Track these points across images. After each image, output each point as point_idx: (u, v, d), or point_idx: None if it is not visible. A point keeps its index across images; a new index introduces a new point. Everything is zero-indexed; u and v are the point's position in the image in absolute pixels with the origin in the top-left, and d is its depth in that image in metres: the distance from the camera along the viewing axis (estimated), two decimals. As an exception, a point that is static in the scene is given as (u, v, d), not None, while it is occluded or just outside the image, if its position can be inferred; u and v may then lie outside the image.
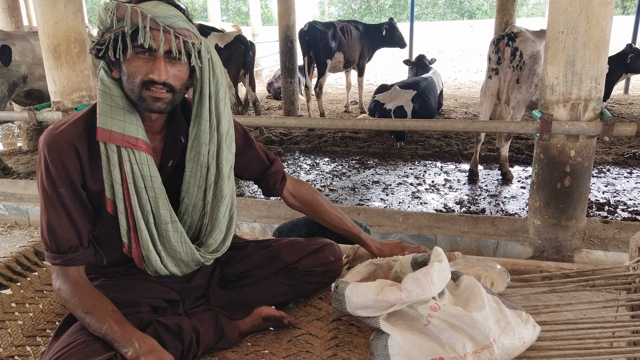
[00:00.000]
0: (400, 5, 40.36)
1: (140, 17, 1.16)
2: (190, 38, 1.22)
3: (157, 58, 1.19)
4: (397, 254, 1.69)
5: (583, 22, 2.50)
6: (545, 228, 2.88)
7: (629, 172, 4.67)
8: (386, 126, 3.73)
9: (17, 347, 1.39)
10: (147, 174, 1.28)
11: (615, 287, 1.52)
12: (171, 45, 1.19)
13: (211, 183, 1.37)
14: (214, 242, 1.43)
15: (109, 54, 1.19)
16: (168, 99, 1.24)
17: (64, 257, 1.28)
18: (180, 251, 1.36)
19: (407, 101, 5.78)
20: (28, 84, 4.62)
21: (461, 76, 12.08)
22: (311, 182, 4.62)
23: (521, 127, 2.94)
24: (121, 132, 1.24)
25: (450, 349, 1.19)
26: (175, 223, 1.35)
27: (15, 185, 4.06)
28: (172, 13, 1.20)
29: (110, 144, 1.24)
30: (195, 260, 1.40)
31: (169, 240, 1.34)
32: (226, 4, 37.88)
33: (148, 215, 1.30)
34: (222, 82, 1.35)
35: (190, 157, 1.35)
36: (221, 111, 1.35)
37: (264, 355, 1.39)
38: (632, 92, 8.92)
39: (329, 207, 1.73)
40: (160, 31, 1.17)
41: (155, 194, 1.30)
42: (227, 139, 1.39)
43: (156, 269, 1.36)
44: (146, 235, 1.31)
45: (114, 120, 1.24)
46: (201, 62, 1.28)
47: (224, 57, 5.63)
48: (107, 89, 1.25)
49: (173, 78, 1.23)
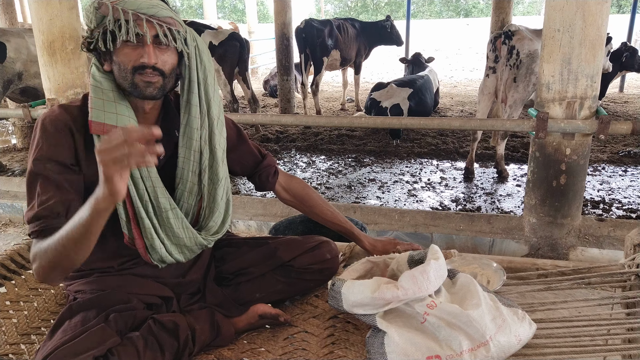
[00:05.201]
0: (397, 3, 40.34)
1: (122, 13, 1.20)
2: (175, 25, 1.26)
3: (146, 44, 1.23)
4: (390, 249, 1.71)
5: (579, 21, 2.51)
6: (541, 226, 2.89)
7: (624, 170, 4.68)
8: (382, 124, 3.73)
9: (12, 346, 1.38)
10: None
11: (610, 285, 1.53)
12: (157, 32, 1.23)
13: (205, 167, 1.40)
14: (214, 225, 1.45)
15: (99, 45, 1.24)
16: (159, 84, 1.27)
17: (43, 222, 1.22)
18: (184, 237, 1.38)
19: (404, 99, 5.78)
20: (23, 81, 4.59)
21: (457, 74, 12.10)
22: (307, 180, 4.61)
23: (517, 125, 2.95)
24: (114, 123, 1.26)
25: (446, 346, 1.19)
26: (175, 210, 1.36)
27: (9, 183, 4.04)
28: (154, 3, 1.24)
29: (104, 136, 1.23)
30: (199, 243, 1.42)
31: (170, 227, 1.35)
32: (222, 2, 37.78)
33: (147, 205, 1.32)
34: (209, 69, 1.39)
35: (183, 144, 1.38)
36: (210, 97, 1.39)
37: (260, 353, 1.39)
38: (627, 90, 8.95)
39: (321, 201, 1.75)
40: (144, 21, 1.21)
41: (152, 183, 1.32)
42: (218, 124, 1.42)
43: (161, 257, 1.36)
44: (148, 224, 1.32)
45: (107, 113, 1.26)
46: (188, 49, 1.32)
47: (218, 55, 5.61)
48: (99, 83, 1.28)
49: (162, 63, 1.27)
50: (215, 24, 9.57)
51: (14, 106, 5.23)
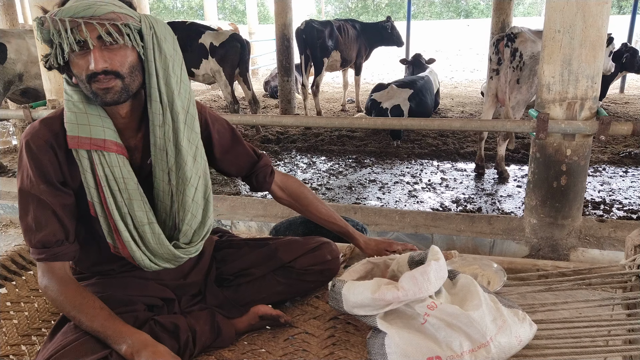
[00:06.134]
0: (397, 4, 40.36)
1: (60, 23, 1.14)
2: (120, 19, 1.17)
3: (90, 49, 1.16)
4: (383, 248, 1.71)
5: (579, 21, 2.51)
6: (542, 227, 2.89)
7: (625, 171, 4.68)
8: (383, 125, 3.73)
9: (12, 346, 1.38)
10: (120, 176, 1.27)
11: (611, 286, 1.52)
12: (100, 32, 1.15)
13: (172, 165, 1.30)
14: (188, 228, 1.36)
15: (52, 62, 1.20)
16: (118, 87, 1.20)
17: (50, 251, 1.26)
18: (161, 252, 1.35)
19: (404, 100, 5.79)
20: (24, 82, 4.60)
21: (458, 75, 12.10)
22: (308, 181, 4.61)
23: (517, 126, 2.94)
24: (88, 135, 1.23)
25: (447, 347, 1.19)
26: (152, 225, 1.32)
27: (10, 184, 4.04)
28: (90, 2, 1.15)
29: (80, 150, 1.24)
30: (177, 257, 1.38)
31: (148, 241, 1.32)
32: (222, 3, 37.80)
33: (126, 217, 1.29)
34: (172, 56, 1.27)
35: (152, 142, 1.30)
36: (173, 88, 1.27)
37: (261, 354, 1.39)
38: (628, 91, 8.94)
39: (316, 200, 1.73)
40: (82, 25, 1.13)
41: (129, 195, 1.28)
42: (186, 118, 1.31)
43: (146, 266, 1.35)
44: (127, 237, 1.29)
45: (80, 125, 1.23)
46: (143, 41, 1.22)
47: (219, 56, 5.61)
48: (69, 97, 1.25)
49: (116, 64, 1.18)
50: (216, 25, 9.57)
51: (15, 107, 5.24)
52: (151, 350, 1.18)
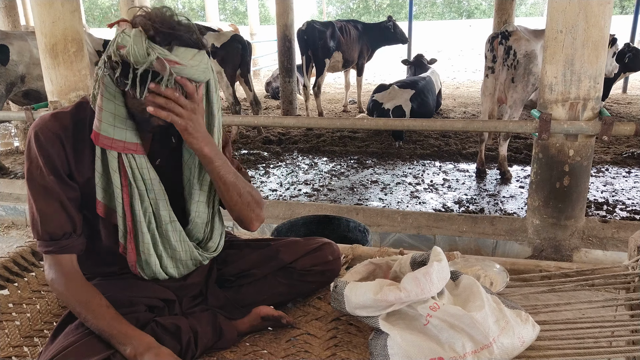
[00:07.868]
0: (399, 5, 40.39)
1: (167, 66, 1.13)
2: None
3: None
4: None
5: (582, 22, 2.50)
6: (544, 227, 2.88)
7: (628, 171, 4.67)
8: (385, 126, 3.73)
9: (15, 348, 1.38)
10: (148, 177, 1.30)
11: (614, 287, 1.52)
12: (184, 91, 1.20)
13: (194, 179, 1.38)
14: (213, 245, 1.46)
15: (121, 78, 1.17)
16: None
17: (57, 244, 1.26)
18: (180, 250, 1.37)
19: (406, 100, 5.78)
20: (26, 84, 4.60)
21: (460, 75, 12.09)
22: (309, 182, 4.62)
23: (520, 127, 2.94)
24: (123, 139, 1.25)
25: (449, 348, 1.18)
26: (174, 223, 1.35)
27: (12, 185, 4.05)
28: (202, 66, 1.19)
29: (111, 151, 1.25)
30: (194, 258, 1.41)
31: (169, 239, 1.35)
32: (223, 4, 37.87)
33: (150, 217, 1.31)
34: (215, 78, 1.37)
35: (186, 147, 1.35)
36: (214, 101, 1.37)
37: (263, 355, 1.38)
38: (631, 91, 8.93)
39: None
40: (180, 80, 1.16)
41: (155, 195, 1.31)
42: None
43: (155, 273, 1.36)
44: (148, 239, 1.32)
45: (117, 128, 1.24)
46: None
47: (220, 57, 5.61)
48: (112, 97, 1.22)
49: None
50: (216, 26, 9.58)
51: (17, 109, 5.25)
52: (154, 352, 1.18)
